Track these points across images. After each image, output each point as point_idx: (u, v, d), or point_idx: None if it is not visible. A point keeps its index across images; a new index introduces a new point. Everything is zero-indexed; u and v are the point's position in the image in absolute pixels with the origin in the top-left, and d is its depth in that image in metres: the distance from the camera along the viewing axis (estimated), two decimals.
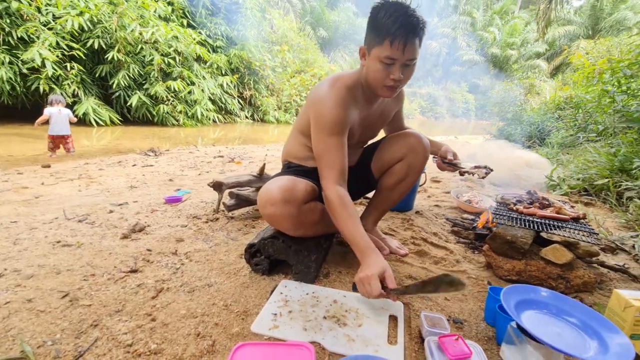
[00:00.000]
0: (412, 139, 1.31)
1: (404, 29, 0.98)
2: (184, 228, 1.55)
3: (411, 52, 1.02)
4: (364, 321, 0.94)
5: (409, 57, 1.02)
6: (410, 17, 0.99)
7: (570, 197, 2.60)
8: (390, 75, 1.04)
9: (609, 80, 3.51)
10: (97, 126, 6.96)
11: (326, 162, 1.09)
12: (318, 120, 1.10)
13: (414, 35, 1.00)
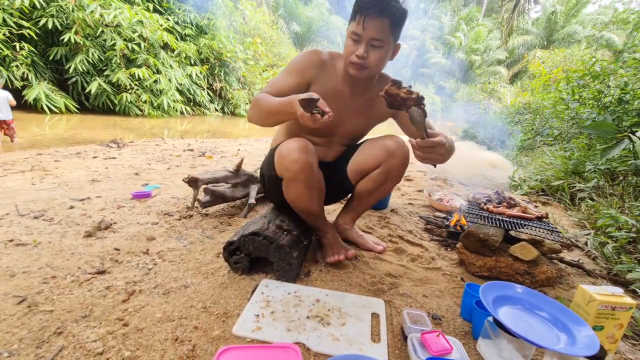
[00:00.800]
0: (391, 143, 1.27)
1: (370, 5, 1.03)
2: (155, 225, 1.47)
3: (374, 29, 1.05)
4: (347, 320, 0.94)
5: (372, 34, 1.06)
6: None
7: (530, 196, 2.78)
8: (355, 52, 1.09)
9: (565, 88, 3.79)
10: (50, 113, 6.41)
11: (267, 86, 1.21)
12: (287, 65, 1.24)
13: (380, 13, 1.03)
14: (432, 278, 1.26)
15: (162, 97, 8.09)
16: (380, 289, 1.12)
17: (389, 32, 1.07)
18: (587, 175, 2.50)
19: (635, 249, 1.53)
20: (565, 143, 3.73)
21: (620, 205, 2.00)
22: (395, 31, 1.10)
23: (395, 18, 1.06)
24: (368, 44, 1.08)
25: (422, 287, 1.19)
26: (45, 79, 6.63)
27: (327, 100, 1.14)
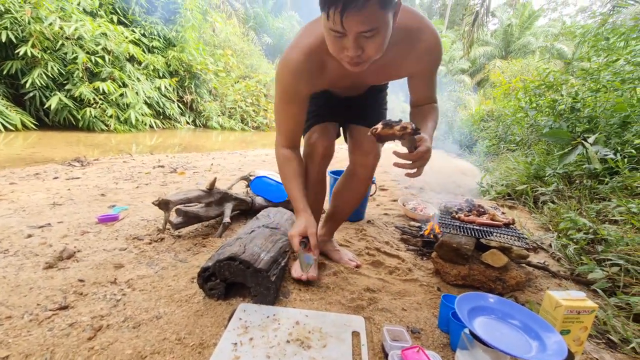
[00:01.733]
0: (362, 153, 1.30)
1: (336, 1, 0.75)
2: (124, 252, 1.40)
3: (359, 24, 0.77)
4: (328, 341, 0.93)
5: (359, 29, 0.78)
6: None
7: (497, 201, 2.91)
8: (345, 51, 0.85)
9: (523, 97, 4.04)
10: (4, 131, 5.98)
11: (277, 126, 1.18)
12: (278, 86, 1.09)
13: (358, 3, 0.74)
14: (410, 290, 1.27)
15: (129, 111, 7.79)
16: (360, 306, 1.12)
17: (380, 11, 0.77)
18: (548, 180, 2.66)
19: (594, 249, 1.63)
20: (526, 149, 3.96)
21: (578, 207, 2.13)
22: (390, 2, 0.79)
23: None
24: (356, 39, 0.81)
25: (400, 300, 1.20)
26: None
27: (335, 84, 1.13)
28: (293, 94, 1.08)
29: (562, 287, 1.46)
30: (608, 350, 1.03)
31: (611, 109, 2.77)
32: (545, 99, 3.79)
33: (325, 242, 1.51)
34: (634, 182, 2.01)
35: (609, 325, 1.13)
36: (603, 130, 2.67)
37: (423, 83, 1.15)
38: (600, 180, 2.30)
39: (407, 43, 1.00)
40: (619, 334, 1.08)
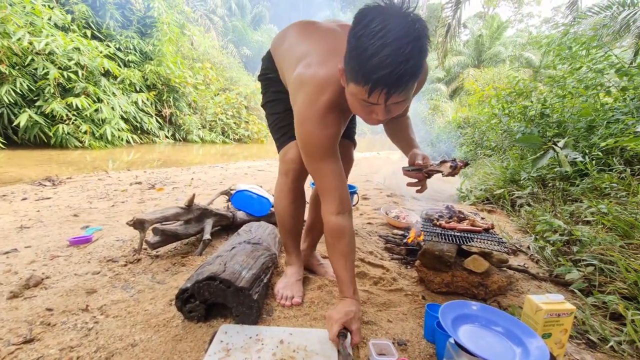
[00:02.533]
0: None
1: (386, 76, 0.71)
2: (97, 275, 1.33)
3: (397, 100, 0.78)
4: (314, 358, 0.91)
5: (393, 101, 0.78)
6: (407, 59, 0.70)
7: (477, 206, 2.98)
8: (373, 115, 0.83)
9: (496, 104, 4.20)
10: None
11: (323, 189, 1.01)
12: (305, 146, 0.98)
13: (406, 85, 0.74)
14: (395, 301, 1.27)
15: (104, 126, 7.57)
16: None
17: (412, 86, 0.78)
18: (523, 183, 2.75)
19: (570, 250, 1.69)
20: (502, 154, 4.10)
21: (553, 209, 2.21)
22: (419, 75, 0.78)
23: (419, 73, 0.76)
24: (389, 107, 0.80)
25: (386, 312, 1.19)
26: None
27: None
28: (332, 144, 0.97)
29: (542, 288, 1.50)
30: (588, 350, 1.05)
31: (577, 114, 2.92)
32: (516, 105, 3.95)
33: (308, 255, 1.49)
34: (602, 184, 2.10)
35: (587, 325, 1.16)
36: (571, 134, 2.80)
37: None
38: (571, 182, 2.40)
39: None
40: (598, 333, 1.11)
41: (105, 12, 8.77)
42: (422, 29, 0.72)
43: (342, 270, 1.01)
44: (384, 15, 0.71)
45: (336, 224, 1.00)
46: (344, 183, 1.03)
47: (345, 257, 1.01)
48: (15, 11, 6.39)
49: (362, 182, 4.04)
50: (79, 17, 8.19)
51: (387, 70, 0.70)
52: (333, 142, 0.97)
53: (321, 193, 1.02)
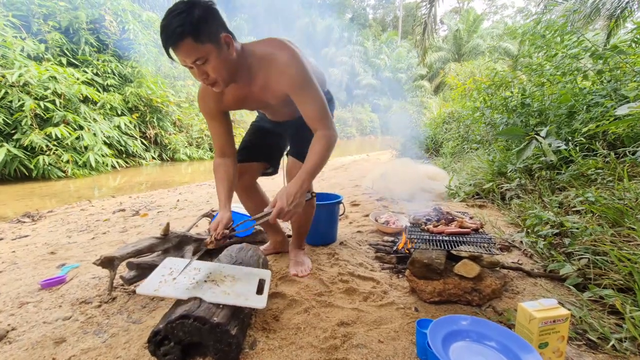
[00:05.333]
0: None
1: (165, 40, 1.04)
2: (67, 321, 1.24)
3: (185, 56, 1.06)
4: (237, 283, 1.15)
5: (190, 60, 1.06)
6: (164, 26, 1.03)
7: (467, 202, 2.94)
8: (196, 76, 1.13)
9: (477, 98, 4.20)
10: None
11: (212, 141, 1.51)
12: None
13: (175, 42, 1.03)
14: (386, 317, 1.21)
15: (87, 153, 7.42)
16: (334, 346, 1.04)
17: (198, 45, 1.04)
18: (511, 175, 2.72)
19: (562, 242, 1.65)
20: (488, 146, 4.09)
21: (541, 200, 2.18)
22: (207, 35, 1.05)
23: (193, 30, 1.02)
24: (197, 67, 1.09)
25: (377, 331, 1.13)
26: None
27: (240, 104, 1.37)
28: (207, 112, 1.37)
29: (537, 286, 1.45)
30: (589, 352, 1.00)
31: (557, 101, 2.92)
32: (497, 97, 3.95)
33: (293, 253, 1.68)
34: (588, 170, 2.08)
35: (585, 323, 1.11)
36: (553, 122, 2.79)
37: (299, 103, 1.25)
38: (558, 170, 2.38)
39: (266, 67, 1.22)
40: (597, 332, 1.06)
41: (79, 38, 8.66)
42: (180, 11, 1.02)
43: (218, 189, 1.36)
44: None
45: (215, 162, 1.41)
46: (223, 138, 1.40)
47: (220, 181, 1.36)
48: None
49: (351, 188, 3.99)
50: (53, 46, 8.07)
51: (162, 40, 1.05)
52: (206, 111, 1.37)
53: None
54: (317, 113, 1.25)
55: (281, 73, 1.20)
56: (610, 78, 2.82)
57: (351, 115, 28.48)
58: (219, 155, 1.42)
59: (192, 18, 1.01)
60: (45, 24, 8.01)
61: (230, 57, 1.13)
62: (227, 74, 1.15)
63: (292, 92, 1.23)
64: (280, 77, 1.21)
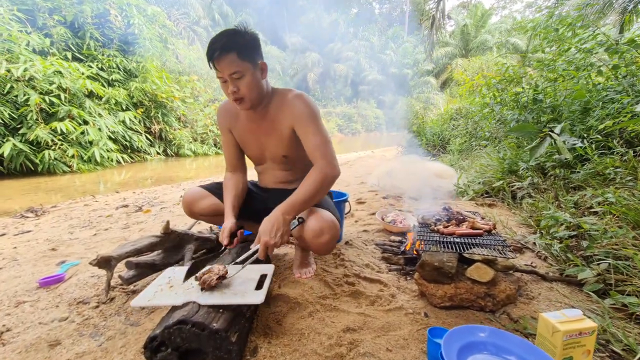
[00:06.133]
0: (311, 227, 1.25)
1: (213, 49, 1.17)
2: (64, 322, 1.20)
3: (226, 67, 1.18)
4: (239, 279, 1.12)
5: (228, 72, 1.18)
6: (215, 40, 1.17)
7: (477, 200, 2.86)
8: (228, 89, 1.23)
9: (487, 93, 4.09)
10: None
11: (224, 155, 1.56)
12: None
13: (223, 53, 1.16)
14: (394, 323, 1.15)
15: (92, 148, 7.42)
16: (339, 354, 0.98)
17: (241, 61, 1.18)
18: (522, 173, 2.63)
19: (579, 245, 1.57)
20: (497, 143, 3.99)
21: (556, 200, 2.09)
22: (249, 56, 1.20)
23: (239, 48, 1.17)
24: (231, 80, 1.20)
25: (384, 338, 1.07)
26: None
27: (244, 136, 1.45)
28: (222, 127, 1.48)
29: (553, 290, 1.38)
30: None
31: (571, 97, 2.81)
32: (507, 92, 3.84)
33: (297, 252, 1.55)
34: (605, 169, 1.99)
35: (608, 333, 1.04)
36: (567, 118, 2.70)
37: (303, 134, 1.31)
38: (572, 169, 2.29)
39: (279, 101, 1.34)
40: (622, 343, 0.99)
41: (84, 32, 8.65)
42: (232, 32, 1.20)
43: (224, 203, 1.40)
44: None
45: (225, 176, 1.51)
46: (231, 154, 1.51)
47: (227, 195, 1.41)
48: None
49: (357, 185, 3.93)
50: (58, 40, 8.06)
51: (209, 46, 1.18)
52: (220, 126, 1.49)
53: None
54: (320, 145, 1.28)
55: (291, 105, 1.31)
56: (627, 73, 2.71)
57: (356, 112, 28.31)
58: (230, 170, 1.52)
59: (241, 39, 1.19)
60: (51, 18, 7.99)
61: (261, 82, 1.27)
62: (255, 95, 1.26)
63: (298, 123, 1.31)
64: (289, 109, 1.31)
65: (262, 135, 1.40)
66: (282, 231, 1.17)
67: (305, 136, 1.30)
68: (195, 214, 1.50)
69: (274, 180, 1.54)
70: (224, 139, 1.50)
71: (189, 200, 1.47)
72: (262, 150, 1.46)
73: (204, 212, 1.47)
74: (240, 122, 1.42)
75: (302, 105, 1.31)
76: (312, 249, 1.32)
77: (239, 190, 1.45)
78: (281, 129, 1.35)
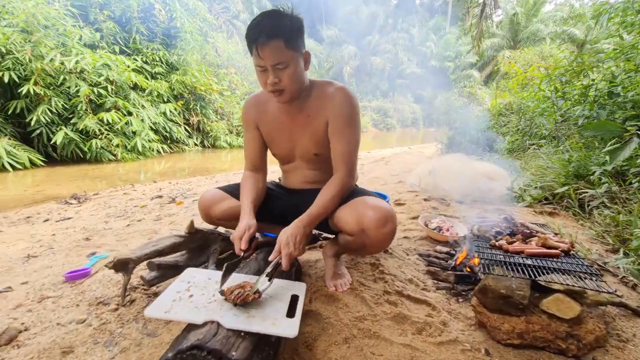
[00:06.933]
0: (369, 217, 1.09)
1: (257, 34, 1.02)
2: (81, 325, 1.12)
3: (270, 56, 1.03)
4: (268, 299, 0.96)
5: (271, 61, 1.04)
6: (259, 22, 1.03)
7: (534, 207, 2.52)
8: (267, 80, 1.09)
9: (547, 86, 3.63)
10: (13, 170, 5.98)
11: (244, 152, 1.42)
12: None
13: (269, 38, 1.01)
14: None
15: (135, 138, 7.76)
16: None
17: (287, 50, 1.05)
18: (594, 179, 2.26)
19: None
20: (557, 143, 3.54)
21: None
22: (295, 44, 1.07)
23: (287, 35, 1.04)
24: (273, 70, 1.07)
25: None
26: (6, 135, 6.24)
27: (273, 132, 1.32)
28: (247, 121, 1.35)
29: None
30: None
31: None
32: (573, 85, 3.38)
33: (326, 258, 1.39)
34: None
35: None
36: None
37: (334, 134, 1.20)
38: None
39: (319, 93, 1.21)
40: None
41: (131, 27, 9.01)
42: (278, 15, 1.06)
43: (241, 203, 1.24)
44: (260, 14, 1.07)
45: (244, 176, 1.36)
46: (254, 152, 1.37)
47: (245, 194, 1.26)
48: (49, 33, 6.68)
49: (394, 184, 3.67)
50: (107, 34, 8.47)
51: (250, 27, 1.04)
52: (245, 120, 1.36)
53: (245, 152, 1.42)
54: (347, 154, 1.20)
55: (331, 99, 1.19)
56: None
57: (392, 106, 27.51)
58: (250, 169, 1.38)
59: (288, 23, 1.05)
60: (101, 13, 8.40)
61: (304, 73, 1.15)
62: (297, 87, 1.13)
63: (334, 120, 1.19)
64: (330, 102, 1.19)
65: (295, 131, 1.28)
66: (304, 243, 1.09)
67: (336, 137, 1.21)
68: (212, 218, 1.35)
69: (301, 180, 1.40)
70: (248, 135, 1.37)
71: (205, 204, 1.33)
72: (292, 147, 1.33)
73: (222, 216, 1.32)
74: (269, 117, 1.30)
75: (343, 101, 1.18)
76: (370, 242, 1.14)
77: (260, 190, 1.32)
78: (316, 124, 1.23)
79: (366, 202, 1.15)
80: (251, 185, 1.30)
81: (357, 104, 1.21)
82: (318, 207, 1.14)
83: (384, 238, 1.13)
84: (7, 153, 5.95)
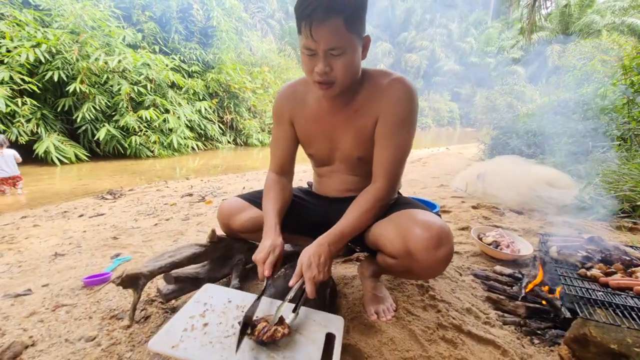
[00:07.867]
0: (416, 235, 0.86)
1: (312, 8, 0.80)
2: (89, 344, 1.00)
3: (326, 37, 0.82)
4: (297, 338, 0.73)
5: (326, 45, 0.83)
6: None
7: (610, 221, 2.13)
8: (314, 68, 0.88)
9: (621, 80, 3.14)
10: (60, 164, 6.33)
11: (271, 152, 1.23)
12: None
13: (327, 15, 0.80)
14: None
15: (171, 135, 7.98)
16: None
17: (347, 32, 0.83)
18: None
19: None
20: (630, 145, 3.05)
21: None
22: (356, 26, 0.84)
23: (348, 13, 0.81)
24: (325, 56, 0.85)
25: None
26: (56, 131, 6.63)
27: (311, 129, 1.11)
28: (278, 114, 1.15)
29: None
30: None
31: None
32: None
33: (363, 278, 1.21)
34: None
35: None
36: None
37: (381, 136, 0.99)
38: None
39: (373, 85, 0.99)
40: None
41: (170, 27, 9.29)
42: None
43: (265, 213, 1.07)
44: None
45: (269, 178, 1.19)
46: (284, 153, 1.18)
47: (270, 201, 1.09)
48: (94, 34, 7.01)
49: (435, 188, 3.36)
50: (149, 34, 8.78)
51: (302, 6, 0.82)
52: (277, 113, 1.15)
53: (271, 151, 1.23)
54: (392, 163, 0.99)
55: (387, 92, 0.97)
56: None
57: (427, 105, 26.56)
58: (276, 171, 1.20)
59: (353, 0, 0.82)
60: (143, 14, 8.72)
61: (360, 63, 0.93)
62: (350, 80, 0.91)
63: (385, 118, 0.98)
64: (383, 95, 0.97)
65: (337, 128, 1.06)
66: (329, 265, 0.91)
67: (383, 141, 1.00)
68: (233, 230, 1.19)
69: (338, 187, 1.19)
70: (278, 132, 1.16)
71: (225, 214, 1.17)
72: (332, 147, 1.11)
73: (244, 228, 1.16)
74: (307, 111, 1.09)
75: (400, 96, 0.96)
76: (419, 268, 0.90)
77: (286, 198, 1.14)
78: (364, 122, 1.02)
79: (413, 216, 0.92)
80: (277, 193, 1.12)
81: (416, 99, 0.99)
82: (348, 222, 0.96)
83: (437, 263, 0.88)
84: (55, 148, 6.30)
